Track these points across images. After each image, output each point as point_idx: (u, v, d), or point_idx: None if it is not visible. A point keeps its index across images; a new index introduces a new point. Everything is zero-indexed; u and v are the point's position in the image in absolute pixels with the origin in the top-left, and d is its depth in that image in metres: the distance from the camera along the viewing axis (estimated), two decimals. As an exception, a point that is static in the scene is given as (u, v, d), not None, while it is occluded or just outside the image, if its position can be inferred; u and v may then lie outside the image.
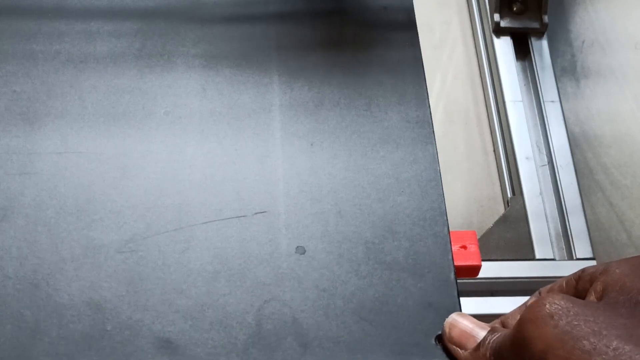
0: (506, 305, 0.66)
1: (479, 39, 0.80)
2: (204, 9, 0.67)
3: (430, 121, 0.60)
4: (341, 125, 0.62)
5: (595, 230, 0.71)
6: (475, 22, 0.82)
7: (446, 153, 0.76)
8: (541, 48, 0.78)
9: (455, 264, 0.60)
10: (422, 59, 0.63)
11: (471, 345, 0.54)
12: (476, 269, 0.61)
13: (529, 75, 0.77)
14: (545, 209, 0.70)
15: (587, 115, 0.79)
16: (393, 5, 0.67)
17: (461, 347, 0.54)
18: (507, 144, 0.75)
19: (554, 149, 0.73)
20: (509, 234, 0.69)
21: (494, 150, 0.76)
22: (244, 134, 0.61)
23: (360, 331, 0.55)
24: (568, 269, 0.67)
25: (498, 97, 0.77)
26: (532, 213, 0.69)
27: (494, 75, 0.78)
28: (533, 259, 0.68)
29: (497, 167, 0.75)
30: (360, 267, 0.57)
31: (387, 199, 0.59)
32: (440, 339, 0.55)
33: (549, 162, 0.73)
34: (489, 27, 0.79)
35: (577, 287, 0.51)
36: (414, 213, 0.59)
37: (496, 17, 0.78)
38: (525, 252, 0.68)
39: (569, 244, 0.68)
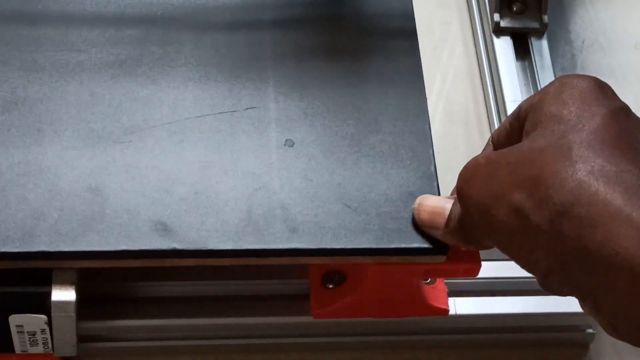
0: (506, 305, 0.66)
1: (479, 39, 0.80)
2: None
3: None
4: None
5: (595, 230, 0.71)
6: (475, 22, 0.82)
7: (446, 153, 0.75)
8: (541, 48, 0.78)
9: (455, 264, 0.60)
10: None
11: (441, 222, 0.56)
12: (476, 268, 0.61)
13: (529, 75, 0.77)
14: (545, 209, 0.69)
15: (587, 115, 0.79)
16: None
17: (433, 227, 0.57)
18: (507, 144, 0.74)
19: (554, 149, 0.73)
20: (509, 234, 0.69)
21: (494, 150, 0.76)
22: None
23: (345, 218, 0.59)
24: (568, 268, 0.67)
25: (498, 97, 0.77)
26: (532, 213, 0.69)
27: (494, 75, 0.78)
28: (533, 258, 0.68)
29: (497, 167, 0.75)
30: (346, 159, 0.61)
31: (373, 97, 0.64)
32: None
33: (549, 162, 0.73)
34: (489, 27, 0.79)
35: (520, 127, 0.53)
36: (398, 110, 0.63)
37: (496, 17, 0.78)
38: (525, 252, 0.68)
39: (569, 243, 0.68)
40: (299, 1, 0.69)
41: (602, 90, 0.50)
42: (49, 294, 0.58)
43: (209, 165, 0.60)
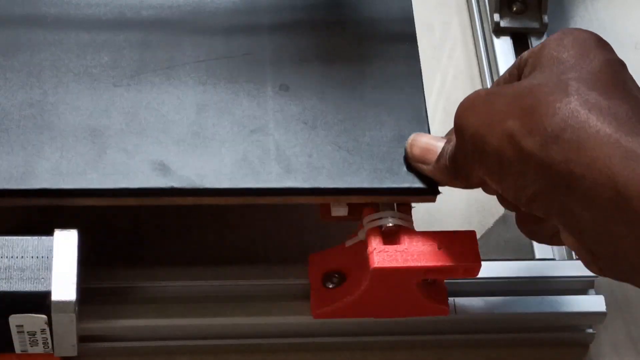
0: (506, 305, 0.66)
1: (479, 39, 0.80)
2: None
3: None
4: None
5: (595, 230, 0.71)
6: (475, 22, 0.82)
7: (446, 153, 0.75)
8: (541, 48, 0.78)
9: (455, 264, 0.60)
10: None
11: (432, 158, 0.59)
12: (476, 268, 0.61)
13: (529, 75, 0.77)
14: (545, 209, 0.70)
15: (587, 115, 0.79)
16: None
17: (424, 162, 0.60)
18: (507, 144, 0.74)
19: (554, 148, 0.73)
20: (509, 234, 0.69)
21: (494, 150, 0.76)
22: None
23: (339, 159, 0.61)
24: (568, 268, 0.67)
25: (498, 97, 0.77)
26: (532, 213, 0.69)
27: (493, 75, 0.78)
28: (533, 259, 0.68)
29: (497, 167, 0.75)
30: (340, 104, 0.63)
31: (365, 44, 0.66)
32: (410, 166, 0.60)
33: (549, 162, 0.73)
34: (488, 27, 0.79)
35: (519, 74, 0.56)
36: (388, 54, 0.66)
37: (496, 17, 0.78)
38: (525, 252, 0.68)
39: (569, 244, 0.68)
40: None
41: (602, 42, 0.53)
42: (48, 294, 0.58)
43: (206, 107, 0.62)
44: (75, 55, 0.64)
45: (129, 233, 0.70)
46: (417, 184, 0.60)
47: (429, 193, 0.60)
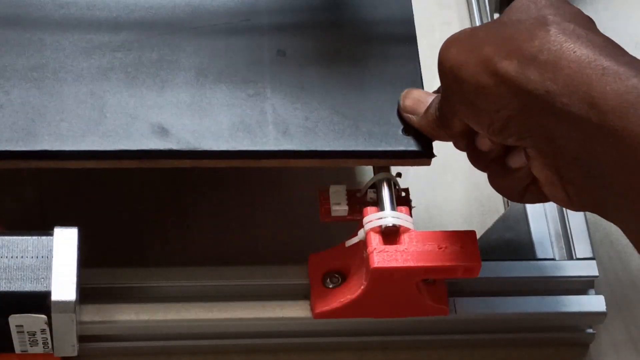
0: (506, 305, 0.66)
1: (479, 39, 0.80)
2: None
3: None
4: None
5: (595, 230, 0.71)
6: (475, 22, 0.81)
7: (446, 153, 0.75)
8: (541, 48, 0.78)
9: (455, 264, 0.60)
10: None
11: (422, 109, 0.60)
12: (476, 268, 0.61)
13: (529, 75, 0.77)
14: (545, 209, 0.70)
15: (587, 115, 0.79)
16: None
17: (414, 113, 0.61)
18: (507, 144, 0.74)
19: (554, 149, 0.73)
20: (509, 234, 0.69)
21: (494, 150, 0.76)
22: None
23: (335, 123, 0.62)
24: (568, 268, 0.67)
25: (498, 97, 0.77)
26: (532, 213, 0.69)
27: (494, 75, 0.77)
28: (533, 258, 0.68)
29: (497, 167, 0.75)
30: (337, 69, 0.64)
31: (360, 11, 0.67)
32: (406, 130, 0.61)
33: (549, 162, 0.73)
34: (489, 27, 0.79)
35: None
36: (383, 24, 0.67)
37: (496, 16, 0.78)
38: (525, 252, 0.68)
39: (569, 243, 0.68)
40: None
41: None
42: (48, 294, 0.58)
43: (205, 72, 0.63)
44: (77, 21, 0.65)
45: (129, 233, 0.70)
46: (413, 147, 0.61)
47: (424, 156, 0.61)
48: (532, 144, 0.52)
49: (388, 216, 0.61)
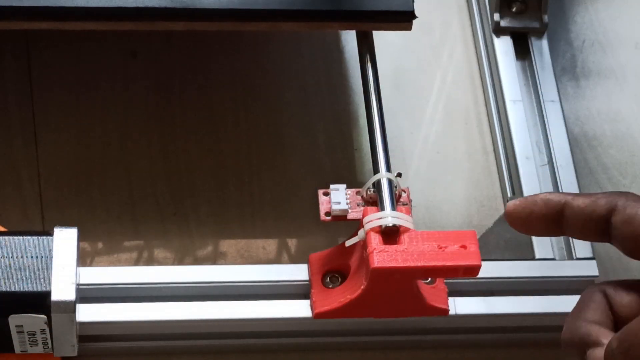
0: (506, 305, 0.66)
1: (479, 39, 0.80)
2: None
3: None
4: None
5: (595, 230, 0.71)
6: (475, 22, 0.82)
7: (446, 153, 0.75)
8: (541, 48, 0.78)
9: (455, 264, 0.60)
10: None
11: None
12: (476, 268, 0.61)
13: (529, 75, 0.77)
14: (545, 209, 0.69)
15: (587, 115, 0.79)
16: None
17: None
18: (507, 143, 0.75)
19: (554, 148, 0.73)
20: (509, 234, 0.69)
21: (494, 150, 0.76)
22: None
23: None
24: (568, 268, 0.67)
25: (498, 97, 0.77)
26: (532, 213, 0.69)
27: (494, 75, 0.78)
28: (533, 258, 0.68)
29: (497, 166, 0.75)
30: None
31: None
32: None
33: (549, 162, 0.73)
34: (488, 27, 0.79)
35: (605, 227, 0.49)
36: None
37: (496, 16, 0.78)
38: (525, 251, 0.68)
39: (569, 243, 0.68)
40: None
41: None
42: (48, 294, 0.58)
43: None
44: None
45: (129, 233, 0.70)
46: (395, 7, 0.65)
47: (406, 18, 0.66)
48: None
49: (388, 216, 0.61)
